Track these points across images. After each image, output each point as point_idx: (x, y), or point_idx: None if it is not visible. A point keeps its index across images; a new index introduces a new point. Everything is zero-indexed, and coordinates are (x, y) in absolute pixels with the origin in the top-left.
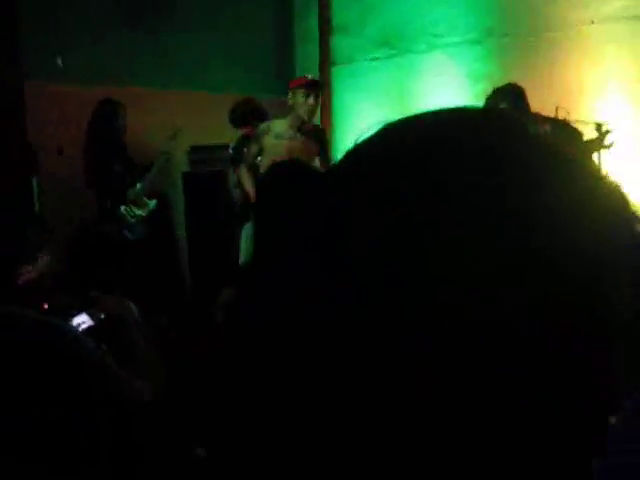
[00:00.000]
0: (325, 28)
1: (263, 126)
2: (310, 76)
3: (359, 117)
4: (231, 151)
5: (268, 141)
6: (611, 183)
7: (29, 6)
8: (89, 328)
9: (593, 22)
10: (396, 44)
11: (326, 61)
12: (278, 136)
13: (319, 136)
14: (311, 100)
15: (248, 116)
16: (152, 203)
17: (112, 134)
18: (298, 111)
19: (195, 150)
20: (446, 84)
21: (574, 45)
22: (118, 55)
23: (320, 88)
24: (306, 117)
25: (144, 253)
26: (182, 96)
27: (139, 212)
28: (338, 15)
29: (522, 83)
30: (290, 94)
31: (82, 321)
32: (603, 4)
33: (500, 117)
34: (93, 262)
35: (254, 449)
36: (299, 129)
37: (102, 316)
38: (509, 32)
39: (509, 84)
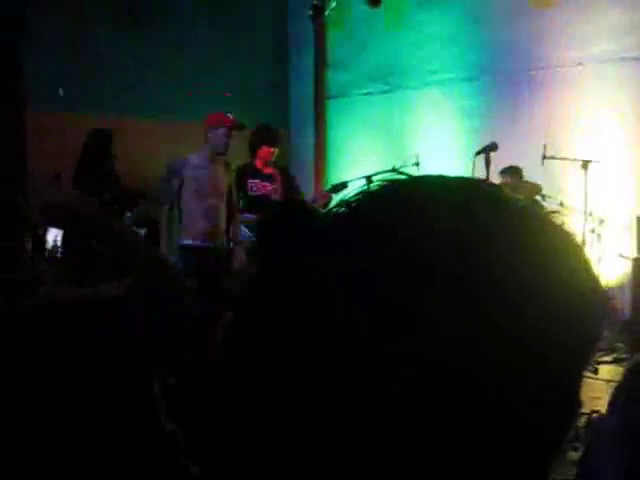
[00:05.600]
0: (320, 63)
1: (180, 159)
2: (231, 116)
3: (353, 149)
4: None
5: (188, 173)
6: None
7: (31, 40)
8: None
9: (581, 63)
10: (389, 80)
11: (321, 95)
12: (196, 168)
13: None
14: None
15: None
16: (141, 232)
17: (102, 163)
18: (215, 145)
19: None
20: (438, 119)
21: (561, 84)
22: (115, 87)
23: (240, 128)
24: (222, 150)
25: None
26: (176, 127)
27: None
28: (333, 51)
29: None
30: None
31: None
32: (590, 46)
33: (476, 189)
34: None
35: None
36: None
37: None
38: (499, 70)
39: None
